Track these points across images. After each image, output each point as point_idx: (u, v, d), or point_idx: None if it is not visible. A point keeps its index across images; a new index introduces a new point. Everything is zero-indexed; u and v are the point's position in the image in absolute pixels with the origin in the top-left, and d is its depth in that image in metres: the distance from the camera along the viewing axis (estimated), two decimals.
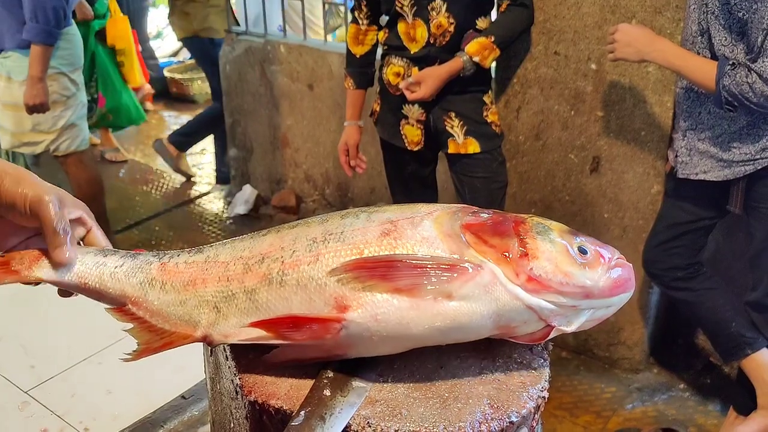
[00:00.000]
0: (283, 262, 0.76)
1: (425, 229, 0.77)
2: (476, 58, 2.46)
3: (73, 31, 3.41)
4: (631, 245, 2.81)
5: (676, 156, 2.28)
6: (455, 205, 0.84)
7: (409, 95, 2.50)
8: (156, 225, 4.43)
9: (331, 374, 0.79)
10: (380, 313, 0.72)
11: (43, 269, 0.83)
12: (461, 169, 2.65)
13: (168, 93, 6.82)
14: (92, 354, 1.43)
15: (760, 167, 2.11)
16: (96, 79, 4.68)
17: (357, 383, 0.79)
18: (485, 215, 0.81)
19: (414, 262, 0.74)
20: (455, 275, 0.73)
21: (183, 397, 1.34)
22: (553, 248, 0.77)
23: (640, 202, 2.74)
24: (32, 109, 3.25)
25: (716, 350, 2.56)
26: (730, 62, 1.99)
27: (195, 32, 4.47)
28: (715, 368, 2.90)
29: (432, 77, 2.46)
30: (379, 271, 0.73)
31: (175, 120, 6.38)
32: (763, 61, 1.91)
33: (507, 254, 0.75)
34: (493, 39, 2.46)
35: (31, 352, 1.44)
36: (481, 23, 2.52)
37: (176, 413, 1.32)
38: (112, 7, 4.68)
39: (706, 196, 2.29)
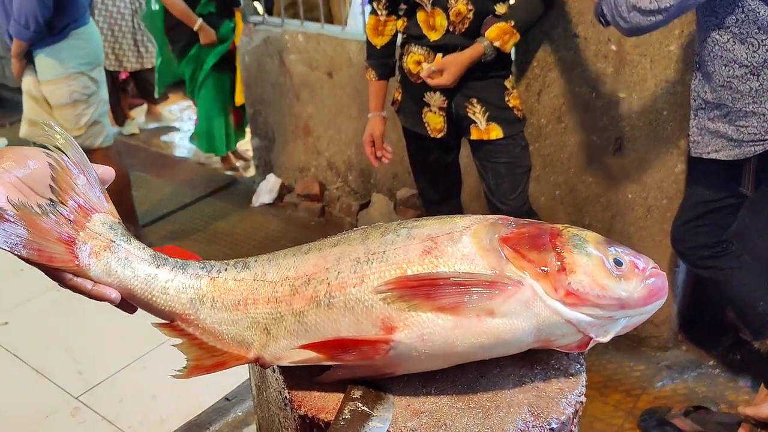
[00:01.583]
0: (329, 284, 0.79)
1: (465, 246, 0.80)
2: (497, 43, 2.45)
3: (91, 30, 3.44)
4: (655, 225, 2.81)
5: (689, 135, 2.27)
6: (491, 216, 0.86)
7: (430, 82, 2.51)
8: (183, 217, 4.48)
9: (360, 391, 0.81)
10: (426, 333, 0.75)
11: (100, 267, 0.82)
12: (484, 155, 2.65)
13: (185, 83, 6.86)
14: (136, 359, 1.47)
15: None
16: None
17: (385, 398, 0.81)
18: (522, 227, 0.83)
19: (456, 279, 0.76)
20: (496, 292, 0.75)
21: (226, 398, 1.39)
22: (589, 261, 0.79)
23: (663, 181, 2.74)
24: None
25: (745, 328, 2.57)
26: None
27: None
28: (745, 344, 2.90)
29: (455, 64, 2.47)
30: (422, 290, 0.75)
31: (194, 109, 6.41)
32: None
33: (545, 269, 0.78)
34: (513, 23, 2.46)
35: (77, 358, 1.49)
36: (500, 8, 2.51)
37: (220, 415, 1.37)
38: (237, 30, 4.43)
39: (723, 175, 2.26)
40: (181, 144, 5.75)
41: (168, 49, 4.69)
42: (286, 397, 0.86)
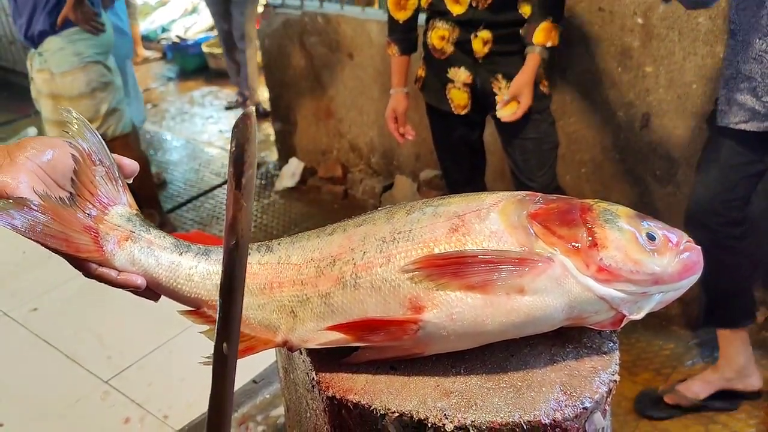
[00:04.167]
0: (354, 264, 0.78)
1: (492, 223, 0.78)
2: (548, 44, 2.42)
3: (103, 18, 3.45)
4: (685, 201, 2.75)
5: (717, 104, 2.23)
6: (518, 192, 0.84)
7: (510, 118, 2.47)
8: (206, 202, 4.50)
9: None
10: (455, 312, 0.73)
11: (124, 256, 0.83)
12: (511, 132, 2.61)
13: (207, 68, 6.87)
14: (163, 343, 1.48)
15: None
16: None
17: None
18: (551, 202, 0.81)
19: (484, 257, 0.74)
20: (526, 269, 0.73)
21: (254, 381, 1.39)
22: (621, 236, 0.76)
23: (692, 157, 2.68)
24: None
25: (722, 314, 2.45)
26: None
27: None
28: None
29: (526, 85, 2.44)
30: (450, 268, 0.73)
31: (216, 95, 6.42)
32: None
33: (576, 244, 0.76)
34: (551, 19, 2.41)
35: (106, 343, 1.50)
36: None
37: (248, 397, 1.37)
38: None
39: (749, 145, 2.22)
40: (204, 129, 5.76)
41: None
42: (313, 378, 0.85)
